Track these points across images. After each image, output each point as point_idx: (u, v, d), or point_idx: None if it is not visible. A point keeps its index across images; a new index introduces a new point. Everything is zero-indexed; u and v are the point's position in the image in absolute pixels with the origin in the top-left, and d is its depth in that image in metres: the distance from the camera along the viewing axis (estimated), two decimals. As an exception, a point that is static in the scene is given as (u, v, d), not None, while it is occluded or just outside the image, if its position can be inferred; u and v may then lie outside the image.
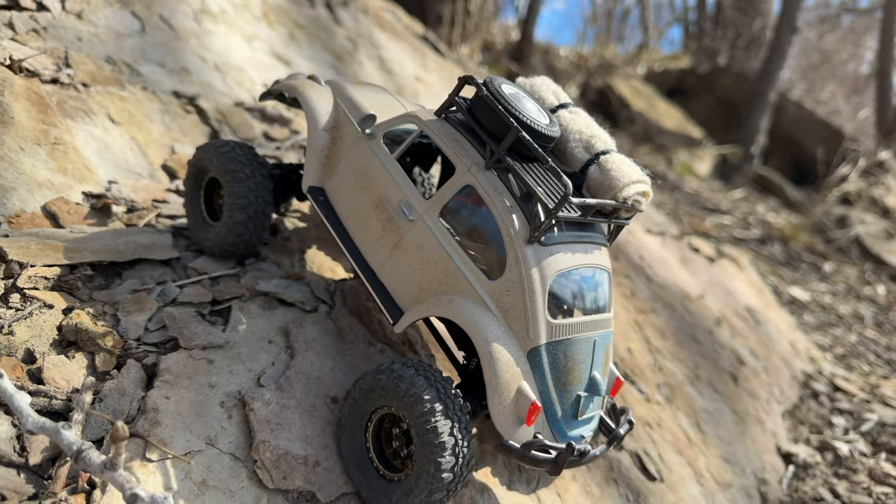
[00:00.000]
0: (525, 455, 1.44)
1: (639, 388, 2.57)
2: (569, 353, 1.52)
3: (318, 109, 1.83)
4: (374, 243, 1.67)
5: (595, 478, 2.01)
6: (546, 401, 1.50)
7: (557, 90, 1.78)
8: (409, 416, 1.40)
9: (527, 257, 1.46)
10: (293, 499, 1.45)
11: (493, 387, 1.44)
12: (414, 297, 1.60)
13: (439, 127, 1.60)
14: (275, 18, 3.73)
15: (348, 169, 1.75)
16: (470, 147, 1.55)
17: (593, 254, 1.59)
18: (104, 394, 1.43)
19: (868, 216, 8.64)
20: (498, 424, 1.45)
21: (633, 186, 1.57)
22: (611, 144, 1.66)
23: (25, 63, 2.21)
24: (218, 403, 1.52)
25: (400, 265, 1.62)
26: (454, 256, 1.53)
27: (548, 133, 1.55)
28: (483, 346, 1.45)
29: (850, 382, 3.88)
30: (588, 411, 1.57)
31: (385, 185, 1.66)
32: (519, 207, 1.49)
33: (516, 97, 1.56)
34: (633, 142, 9.53)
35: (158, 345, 1.60)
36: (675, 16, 15.38)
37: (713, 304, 3.73)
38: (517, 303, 1.46)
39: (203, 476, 1.38)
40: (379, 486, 1.48)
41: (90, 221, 1.93)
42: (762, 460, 2.77)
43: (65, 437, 1.18)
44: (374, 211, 1.67)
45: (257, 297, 1.83)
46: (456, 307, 1.50)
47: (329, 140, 1.81)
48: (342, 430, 1.54)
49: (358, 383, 1.52)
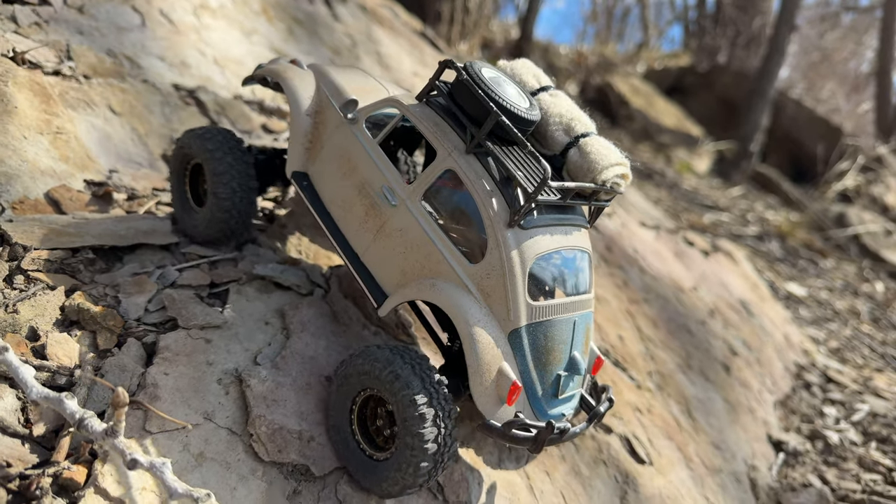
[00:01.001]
0: (506, 434, 1.48)
1: (630, 375, 2.62)
2: (549, 334, 1.55)
3: (300, 94, 1.84)
4: (358, 228, 1.69)
5: (584, 459, 2.06)
6: (527, 381, 1.53)
7: (538, 73, 1.78)
8: (391, 398, 1.44)
9: (507, 241, 1.49)
10: (288, 472, 1.50)
11: (475, 368, 1.47)
12: (397, 282, 1.63)
13: (420, 111, 1.62)
14: (274, 14, 3.78)
15: (331, 154, 1.76)
16: (451, 131, 1.57)
17: (573, 235, 1.62)
18: (105, 369, 1.48)
19: (867, 214, 8.67)
20: (479, 404, 1.48)
21: (613, 169, 1.59)
22: (591, 127, 1.68)
23: (28, 55, 2.26)
24: (215, 380, 1.57)
25: (383, 250, 1.64)
26: (436, 240, 1.56)
27: (527, 117, 1.56)
28: (464, 329, 1.48)
29: (842, 375, 3.92)
30: (568, 390, 1.61)
31: (367, 169, 1.68)
32: (499, 191, 1.51)
33: (496, 81, 1.58)
34: (632, 139, 9.57)
35: (158, 325, 1.66)
36: (676, 14, 15.41)
37: (706, 296, 3.78)
38: (498, 286, 1.49)
39: (201, 448, 1.43)
40: (365, 466, 1.52)
41: (92, 208, 1.99)
42: (752, 447, 2.81)
43: (68, 406, 1.23)
44: (358, 196, 1.69)
45: (254, 280, 1.88)
46: (438, 291, 1.53)
47: (311, 125, 1.82)
48: (330, 413, 1.58)
49: (341, 367, 1.56)
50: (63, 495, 1.26)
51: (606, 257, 3.34)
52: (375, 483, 1.50)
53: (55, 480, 1.27)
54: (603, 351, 2.62)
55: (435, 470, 1.46)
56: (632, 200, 4.91)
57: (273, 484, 1.46)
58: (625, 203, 4.60)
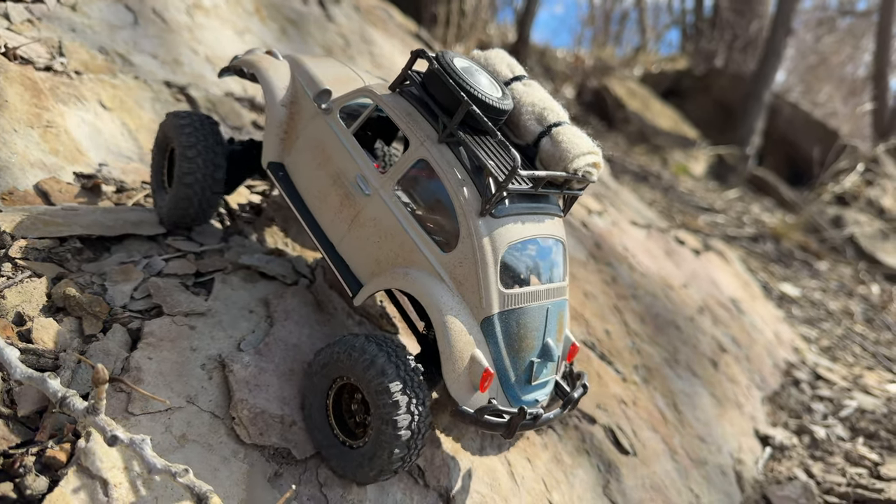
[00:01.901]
0: (478, 419, 1.49)
1: (615, 368, 2.64)
2: (521, 322, 1.57)
3: (275, 84, 1.84)
4: (333, 218, 1.70)
5: (567, 447, 2.09)
6: (500, 367, 1.55)
7: (512, 62, 1.79)
8: (365, 386, 1.45)
9: (479, 229, 1.50)
10: (269, 455, 1.52)
11: (447, 355, 1.49)
12: (372, 271, 1.64)
13: (393, 101, 1.63)
14: (266, 14, 3.82)
15: (306, 144, 1.77)
16: (423, 121, 1.58)
17: (546, 224, 1.64)
18: (90, 353, 1.51)
19: (863, 216, 8.70)
20: (452, 391, 1.50)
21: (584, 158, 1.61)
22: (563, 116, 1.69)
23: (20, 51, 2.30)
24: (199, 365, 1.59)
25: (358, 239, 1.66)
26: (409, 229, 1.57)
27: (499, 106, 1.58)
28: (437, 316, 1.50)
29: (832, 372, 3.95)
30: (542, 376, 1.63)
31: (342, 159, 1.69)
32: (471, 180, 1.52)
33: (469, 71, 1.59)
34: (628, 142, 9.61)
35: (143, 312, 1.68)
36: (673, 18, 15.47)
37: (696, 293, 3.80)
38: (470, 274, 1.51)
39: (183, 430, 1.46)
40: (340, 453, 1.53)
41: (81, 200, 2.02)
42: (739, 441, 2.84)
43: (50, 385, 1.25)
44: (332, 186, 1.70)
45: (239, 270, 1.91)
46: (411, 279, 1.55)
47: (287, 115, 1.83)
48: (306, 401, 1.60)
49: (317, 356, 1.58)
50: (46, 473, 1.29)
51: (595, 254, 3.37)
52: (350, 470, 1.52)
53: (38, 459, 1.30)
54: (589, 345, 2.65)
55: (409, 457, 1.48)
56: (625, 200, 4.95)
57: (254, 466, 1.48)
58: (617, 202, 4.63)
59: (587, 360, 2.53)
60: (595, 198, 4.25)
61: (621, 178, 7.20)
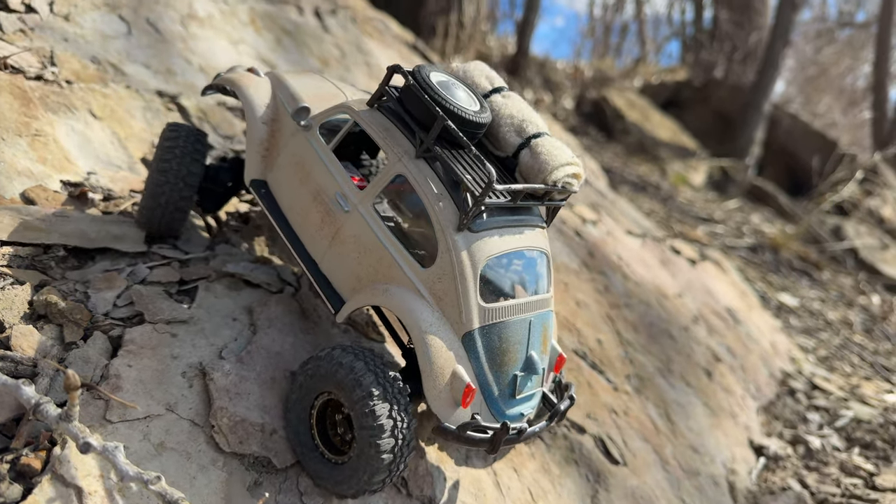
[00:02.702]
0: (461, 436, 1.47)
1: (607, 378, 2.63)
2: (503, 335, 1.55)
3: (255, 102, 1.85)
4: (315, 235, 1.70)
5: (555, 457, 2.07)
6: (482, 382, 1.54)
7: (491, 74, 1.78)
8: (350, 405, 1.44)
9: (457, 244, 1.49)
10: (249, 463, 1.51)
11: (428, 372, 1.47)
12: (353, 287, 1.64)
13: (370, 117, 1.63)
14: (262, 25, 3.83)
15: (287, 161, 1.78)
16: (401, 136, 1.58)
17: (527, 236, 1.62)
18: (69, 361, 1.50)
19: (863, 227, 8.68)
20: (434, 408, 1.48)
21: (563, 169, 1.59)
22: (543, 127, 1.68)
23: (10, 60, 2.31)
24: (179, 373, 1.59)
25: (339, 256, 1.65)
26: (388, 246, 1.57)
27: (477, 120, 1.57)
28: (417, 333, 1.49)
29: (829, 382, 3.92)
30: (526, 389, 1.61)
31: (321, 176, 1.69)
32: (449, 195, 1.51)
33: (445, 85, 1.59)
34: (627, 153, 9.62)
35: (125, 319, 1.68)
36: (673, 30, 15.53)
37: (691, 303, 3.79)
38: (449, 289, 1.50)
39: (161, 438, 1.45)
40: (324, 469, 1.52)
41: (67, 208, 2.02)
42: (733, 452, 2.82)
43: (24, 392, 1.25)
44: (313, 203, 1.70)
45: (224, 278, 1.91)
46: (390, 296, 1.54)
47: (268, 132, 1.83)
48: (289, 414, 1.59)
49: (303, 367, 1.57)
50: (20, 481, 1.28)
51: (588, 263, 3.36)
52: (332, 484, 1.51)
53: (13, 467, 1.29)
54: (580, 354, 2.63)
55: (390, 478, 1.47)
56: (621, 209, 4.94)
57: (233, 475, 1.47)
58: (613, 212, 4.63)
59: (578, 370, 2.52)
60: (590, 207, 4.24)
61: (620, 188, 7.20)
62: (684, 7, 14.79)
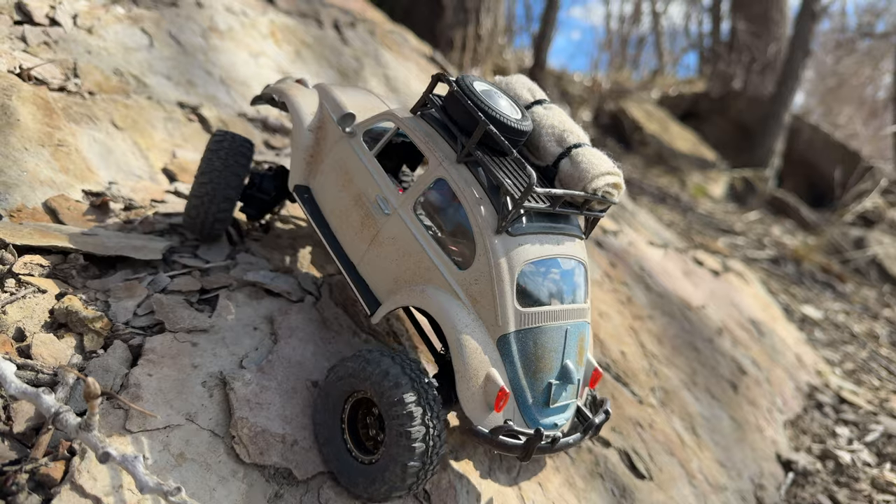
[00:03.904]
0: (493, 440, 1.46)
1: (631, 391, 2.58)
2: (539, 341, 1.53)
3: (302, 110, 1.90)
4: (354, 238, 1.72)
5: (580, 471, 2.02)
6: (516, 388, 1.51)
7: (533, 87, 1.81)
8: (382, 402, 1.42)
9: (495, 247, 1.49)
10: (269, 475, 1.48)
11: (462, 373, 1.46)
12: (389, 289, 1.64)
13: (414, 123, 1.65)
14: (282, 37, 3.85)
15: (331, 167, 1.81)
16: (442, 142, 1.60)
17: (566, 245, 1.62)
18: (89, 370, 1.49)
19: (887, 238, 8.54)
20: (467, 410, 1.47)
21: (604, 178, 1.59)
22: (584, 138, 1.69)
23: (34, 72, 2.32)
24: (200, 383, 1.56)
25: (377, 258, 1.66)
26: (427, 247, 1.57)
27: (518, 127, 1.58)
28: (452, 334, 1.48)
29: (857, 396, 3.83)
30: (560, 399, 1.58)
31: (364, 181, 1.71)
32: (488, 199, 1.52)
33: (488, 94, 1.61)
34: (645, 164, 9.56)
35: (146, 328, 1.66)
36: (691, 42, 15.49)
37: (715, 314, 3.73)
38: (486, 291, 1.49)
39: (181, 449, 1.43)
40: (353, 470, 1.50)
41: (89, 217, 2.01)
42: (760, 466, 2.75)
43: (44, 401, 1.23)
44: (354, 206, 1.72)
45: (245, 287, 1.89)
46: (427, 296, 1.54)
47: (313, 140, 1.87)
48: (318, 415, 1.58)
49: (334, 369, 1.56)
50: (39, 492, 1.26)
51: (610, 274, 3.31)
52: (362, 487, 1.48)
53: (32, 476, 1.27)
54: (604, 366, 2.59)
55: (423, 472, 1.44)
56: (642, 220, 4.89)
57: (254, 486, 1.44)
58: (634, 223, 4.58)
59: (602, 382, 2.47)
60: (611, 218, 4.20)
61: (639, 199, 7.15)
62: (702, 18, 14.76)
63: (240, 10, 3.75)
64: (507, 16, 11.61)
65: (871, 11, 13.33)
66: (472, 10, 7.48)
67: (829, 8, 10.44)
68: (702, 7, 14.71)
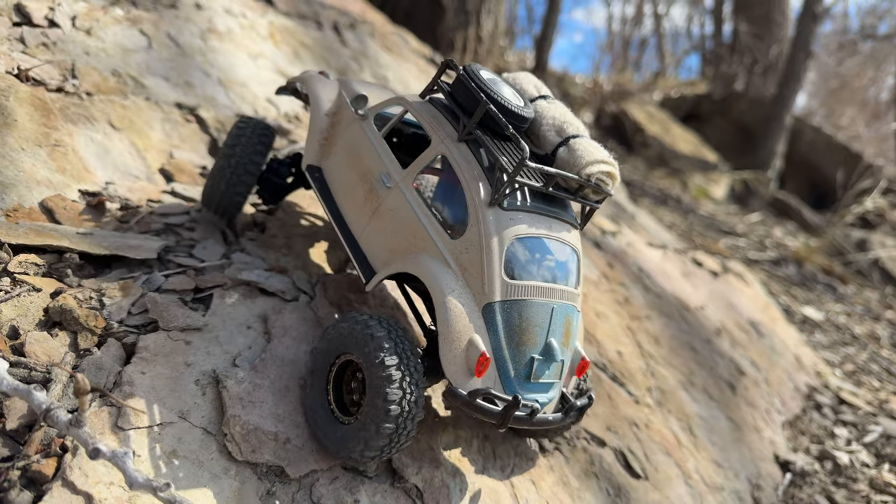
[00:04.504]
0: (471, 403, 1.48)
1: (628, 391, 2.58)
2: (524, 314, 1.57)
3: (321, 96, 2.04)
4: (357, 212, 1.81)
5: (574, 470, 2.02)
6: (499, 358, 1.55)
7: (539, 84, 1.87)
8: (363, 359, 1.48)
9: (486, 218, 1.55)
10: (262, 472, 1.49)
11: (445, 335, 1.50)
12: (385, 260, 1.72)
13: (421, 106, 1.75)
14: (281, 39, 3.86)
15: (342, 149, 1.92)
16: (446, 122, 1.69)
17: (559, 229, 1.67)
18: (82, 368, 1.49)
19: (889, 239, 8.52)
20: (448, 373, 1.50)
21: (598, 165, 1.63)
22: (583, 131, 1.74)
23: (32, 73, 2.33)
24: (193, 381, 1.57)
25: (376, 230, 1.75)
26: (422, 218, 1.64)
27: (519, 112, 1.65)
28: (438, 297, 1.53)
29: (856, 397, 3.83)
30: (543, 377, 1.60)
31: (371, 159, 1.81)
32: (485, 175, 1.59)
33: (494, 81, 1.69)
34: (647, 165, 9.55)
35: (139, 327, 1.67)
36: (692, 44, 15.49)
37: (714, 315, 3.72)
38: (475, 260, 1.55)
39: (173, 446, 1.43)
40: (332, 429, 1.55)
41: (85, 217, 2.02)
42: (758, 467, 2.74)
43: (35, 397, 1.24)
44: (360, 182, 1.82)
45: (239, 286, 1.90)
46: (418, 263, 1.60)
47: (329, 123, 1.99)
48: (308, 379, 1.64)
49: (326, 331, 1.62)
50: (31, 488, 1.27)
51: (608, 274, 3.31)
52: (338, 446, 1.52)
53: (24, 473, 1.28)
54: (600, 366, 2.59)
55: (396, 435, 1.47)
56: (642, 222, 4.89)
57: (246, 484, 1.45)
58: (633, 224, 4.58)
59: (598, 382, 2.47)
60: (610, 219, 4.20)
61: (640, 201, 7.14)
62: (703, 20, 14.75)
63: (239, 11, 3.77)
64: (508, 17, 11.63)
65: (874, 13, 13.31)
66: (473, 11, 7.48)
67: (831, 10, 10.43)
68: (704, 9, 14.71)
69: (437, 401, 1.88)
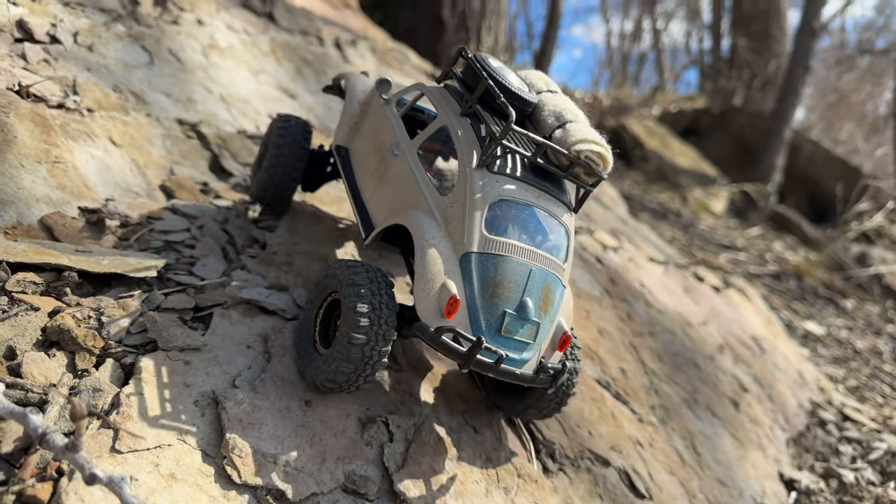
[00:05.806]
0: (437, 339, 1.54)
1: (631, 409, 2.55)
2: (500, 269, 1.62)
3: (357, 87, 2.29)
4: (368, 178, 2.01)
5: (578, 491, 2.00)
6: (471, 306, 1.60)
7: (549, 81, 1.95)
8: (342, 296, 1.58)
9: (473, 177, 1.65)
10: (261, 495, 1.46)
11: (420, 275, 1.59)
12: (384, 218, 1.86)
13: (435, 89, 1.91)
14: (282, 55, 3.87)
15: (367, 130, 2.13)
16: (452, 100, 1.83)
17: (548, 202, 1.73)
18: (80, 389, 1.47)
19: (889, 254, 8.52)
20: (420, 311, 1.58)
21: (589, 144, 1.68)
22: (581, 118, 1.80)
23: (33, 89, 2.33)
24: (192, 402, 1.55)
25: (381, 194, 1.91)
26: (419, 179, 1.78)
27: (521, 94, 1.76)
28: (419, 241, 1.64)
29: (860, 413, 3.80)
30: (515, 333, 1.63)
31: (386, 134, 1.99)
32: (479, 144, 1.70)
33: (502, 68, 1.79)
34: (647, 180, 9.56)
35: (138, 346, 1.65)
36: (691, 59, 15.57)
37: (716, 331, 3.70)
38: (458, 214, 1.64)
39: (172, 469, 1.41)
40: (310, 357, 1.68)
41: (84, 235, 2.01)
42: (762, 485, 2.71)
43: (31, 420, 1.21)
44: (374, 154, 2.02)
45: (239, 304, 1.88)
46: (408, 215, 1.73)
47: (359, 111, 2.22)
48: (302, 311, 1.77)
49: (325, 270, 1.73)
50: (26, 513, 1.24)
51: (610, 290, 3.30)
52: (311, 372, 1.64)
53: (19, 498, 1.25)
54: (603, 383, 2.56)
55: (356, 374, 1.56)
56: (643, 236, 4.88)
57: (245, 507, 1.42)
58: (634, 239, 4.57)
59: (601, 400, 2.45)
60: (610, 234, 4.19)
61: (640, 215, 7.14)
62: (702, 36, 14.83)
63: (241, 28, 3.78)
64: (508, 33, 11.68)
65: (871, 28, 13.39)
66: (474, 28, 7.52)
67: (828, 25, 10.48)
68: (702, 24, 14.80)
69: (440, 424, 1.86)
